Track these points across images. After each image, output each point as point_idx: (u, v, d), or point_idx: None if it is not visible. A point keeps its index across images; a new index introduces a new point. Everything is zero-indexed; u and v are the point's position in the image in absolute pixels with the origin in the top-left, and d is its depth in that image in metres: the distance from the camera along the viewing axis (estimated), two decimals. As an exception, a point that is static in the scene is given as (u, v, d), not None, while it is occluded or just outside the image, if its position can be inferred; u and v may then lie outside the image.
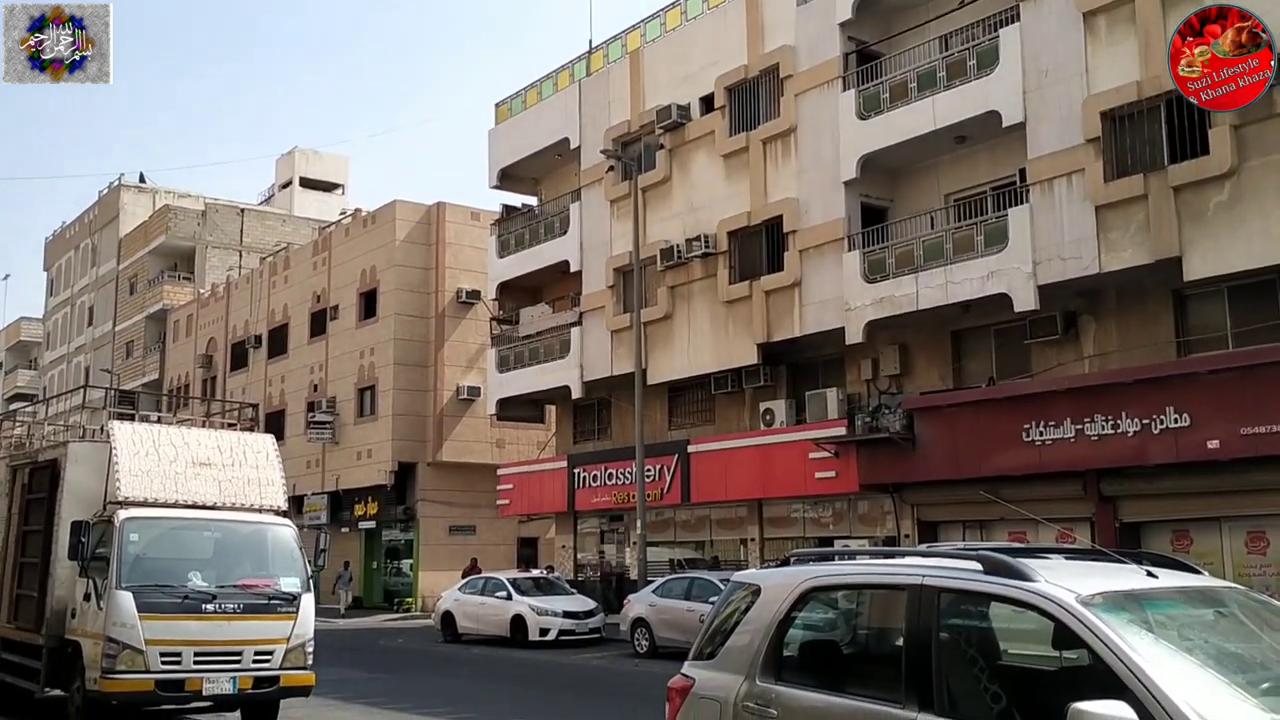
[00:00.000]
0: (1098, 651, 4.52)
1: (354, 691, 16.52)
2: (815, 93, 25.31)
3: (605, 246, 30.79)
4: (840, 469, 24.13)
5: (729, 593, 6.50)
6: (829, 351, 25.49)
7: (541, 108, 34.10)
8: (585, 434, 33.79)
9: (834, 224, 24.53)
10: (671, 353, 28.59)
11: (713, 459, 27.67)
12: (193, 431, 14.01)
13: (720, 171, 27.68)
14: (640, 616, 22.77)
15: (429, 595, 36.33)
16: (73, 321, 67.47)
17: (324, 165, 68.23)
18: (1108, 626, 4.56)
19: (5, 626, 13.84)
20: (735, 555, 27.90)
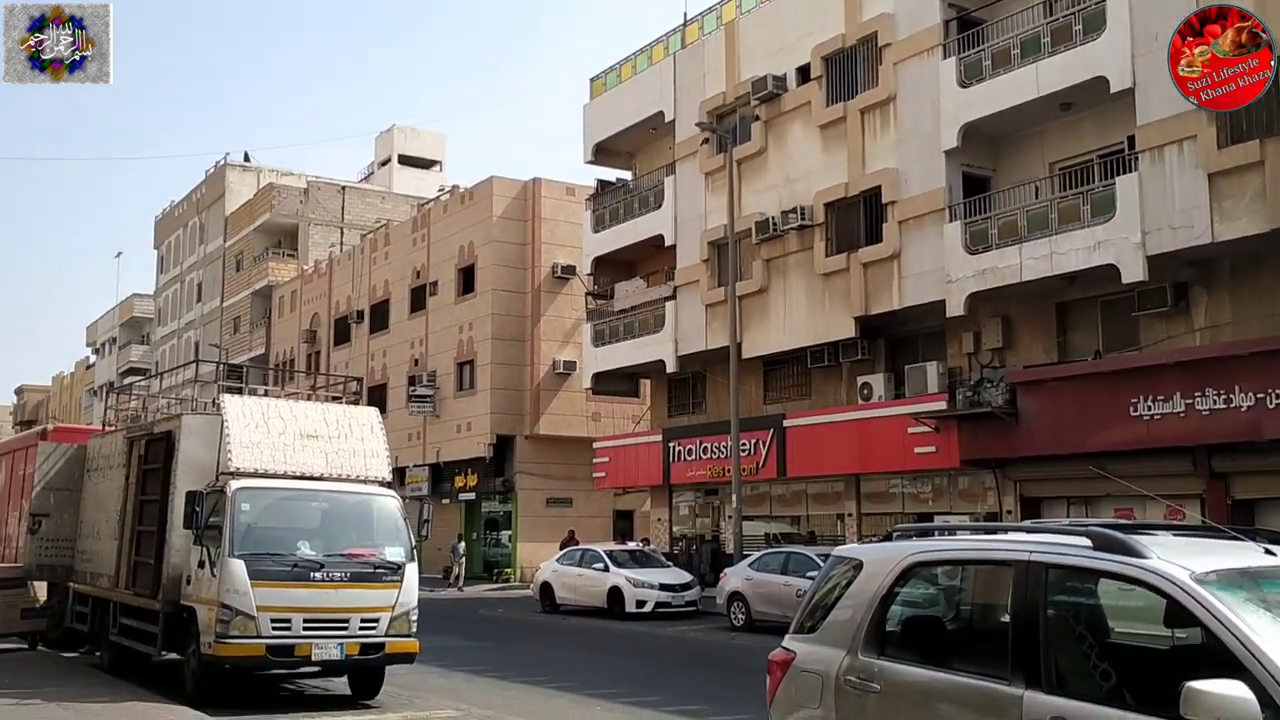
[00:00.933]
0: (1213, 630, 4.42)
1: (455, 659, 16.84)
2: (915, 61, 24.86)
3: (700, 220, 30.70)
4: (940, 444, 23.81)
5: (830, 567, 6.49)
6: (929, 324, 25.12)
7: (636, 81, 34.07)
8: (680, 408, 33.84)
9: (934, 194, 24.12)
10: (767, 326, 28.44)
11: (809, 433, 27.50)
12: (300, 404, 14.36)
13: (817, 142, 27.38)
14: (736, 590, 22.81)
15: (527, 566, 36.86)
16: (182, 298, 69.57)
17: (422, 142, 69.11)
18: (1223, 604, 4.45)
19: (124, 592, 14.37)
20: (832, 530, 27.75)
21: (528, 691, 14.31)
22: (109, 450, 16.07)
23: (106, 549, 15.18)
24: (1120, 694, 4.96)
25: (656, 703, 13.30)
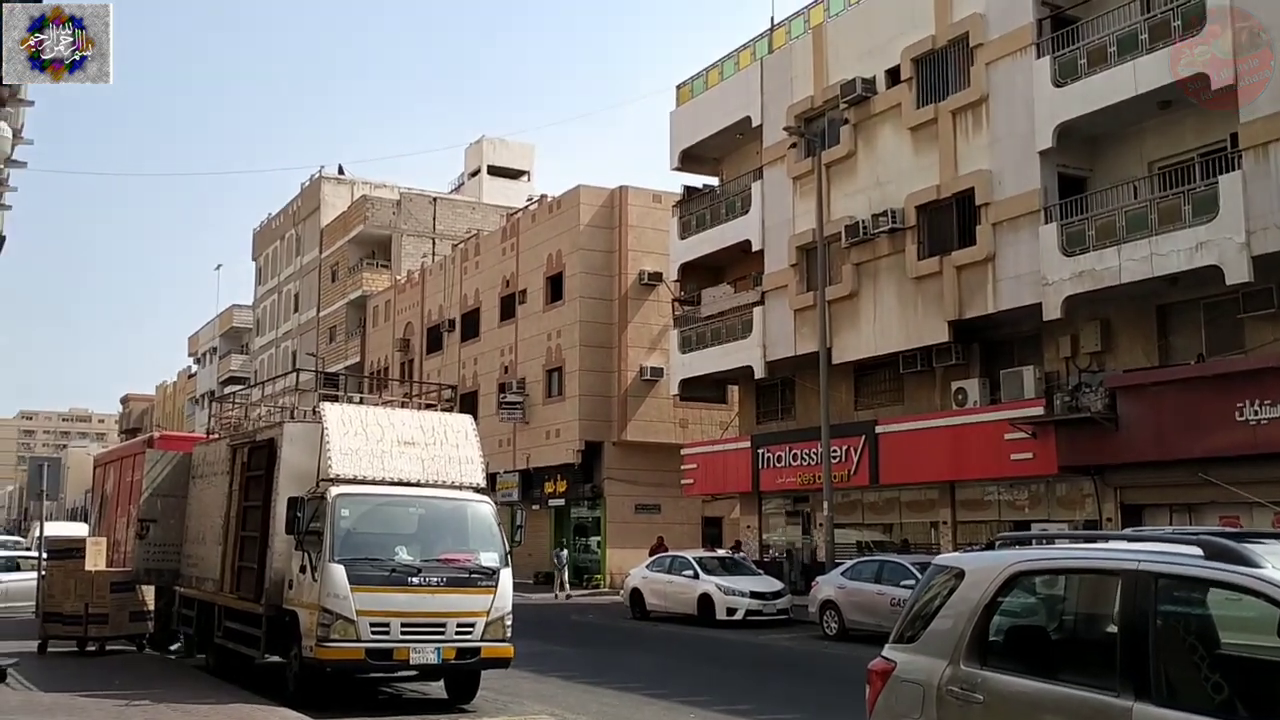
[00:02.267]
0: (1331, 643, 4.28)
1: (549, 665, 16.97)
2: (1007, 61, 24.48)
3: (788, 225, 30.56)
4: (1038, 450, 23.36)
5: (930, 576, 6.42)
6: (1025, 328, 24.67)
7: (723, 87, 34.06)
8: (769, 414, 33.68)
9: (1029, 195, 23.70)
10: (857, 331, 28.19)
11: (902, 440, 27.18)
12: (397, 412, 14.61)
13: (907, 145, 27.09)
14: (829, 599, 22.61)
15: (616, 572, 36.97)
16: (280, 308, 71.20)
17: (510, 153, 69.87)
18: (1344, 617, 4.31)
19: (228, 596, 14.74)
20: (926, 538, 27.38)
21: (620, 697, 14.36)
22: (213, 457, 16.51)
23: (211, 554, 15.59)
24: (1233, 706, 4.84)
25: (749, 711, 13.25)
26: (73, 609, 17.06)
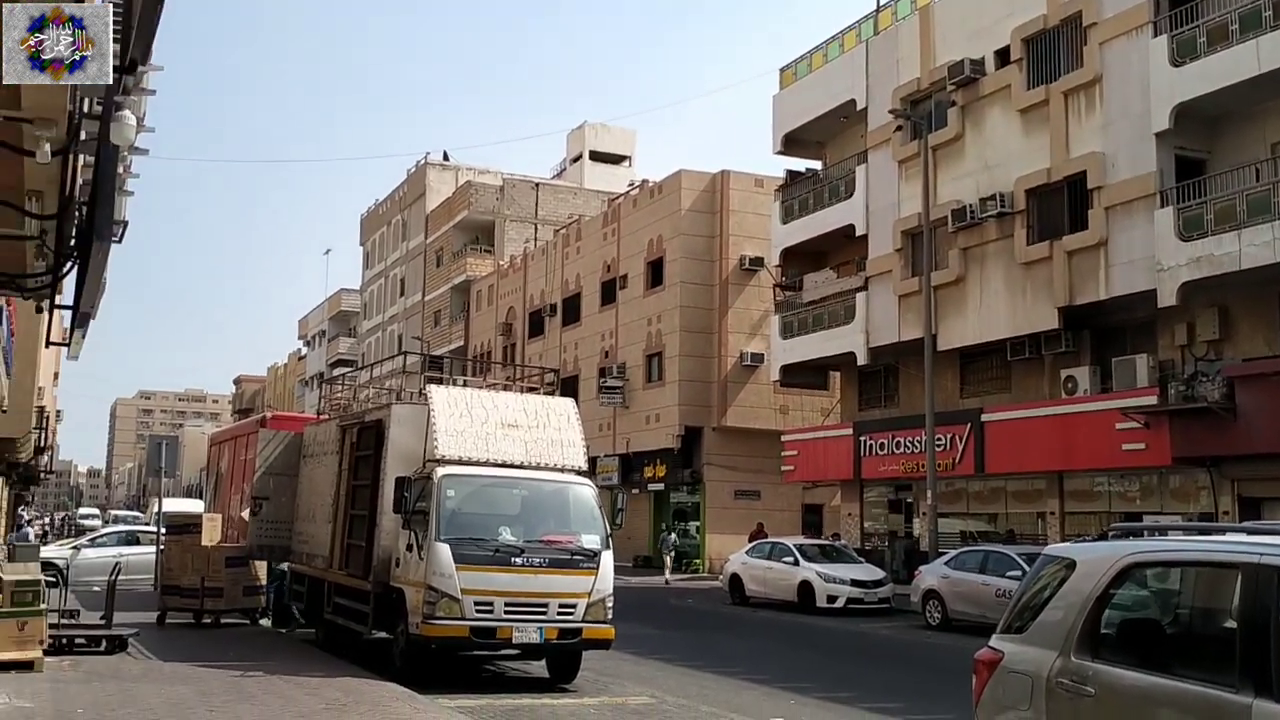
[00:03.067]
0: None
1: (648, 647, 17.06)
2: (1122, 40, 23.76)
3: (892, 209, 30.14)
4: (1150, 440, 22.72)
5: (1040, 566, 6.31)
6: (1138, 315, 23.98)
7: (827, 70, 33.69)
8: (871, 401, 33.31)
9: (1144, 179, 23.00)
10: (963, 318, 27.70)
11: (1008, 428, 26.66)
12: (501, 395, 14.80)
13: (1017, 127, 26.48)
14: (932, 588, 22.33)
15: (715, 557, 36.99)
16: (386, 292, 72.58)
17: (612, 139, 70.10)
18: None
19: (338, 573, 15.12)
20: (1032, 529, 26.85)
21: (719, 681, 14.38)
22: (323, 437, 16.93)
23: (321, 531, 16.00)
24: (1361, 707, 4.66)
25: (850, 699, 13.17)
26: (190, 582, 17.67)
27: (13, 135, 7.06)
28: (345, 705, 10.67)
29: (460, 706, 11.11)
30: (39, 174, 7.74)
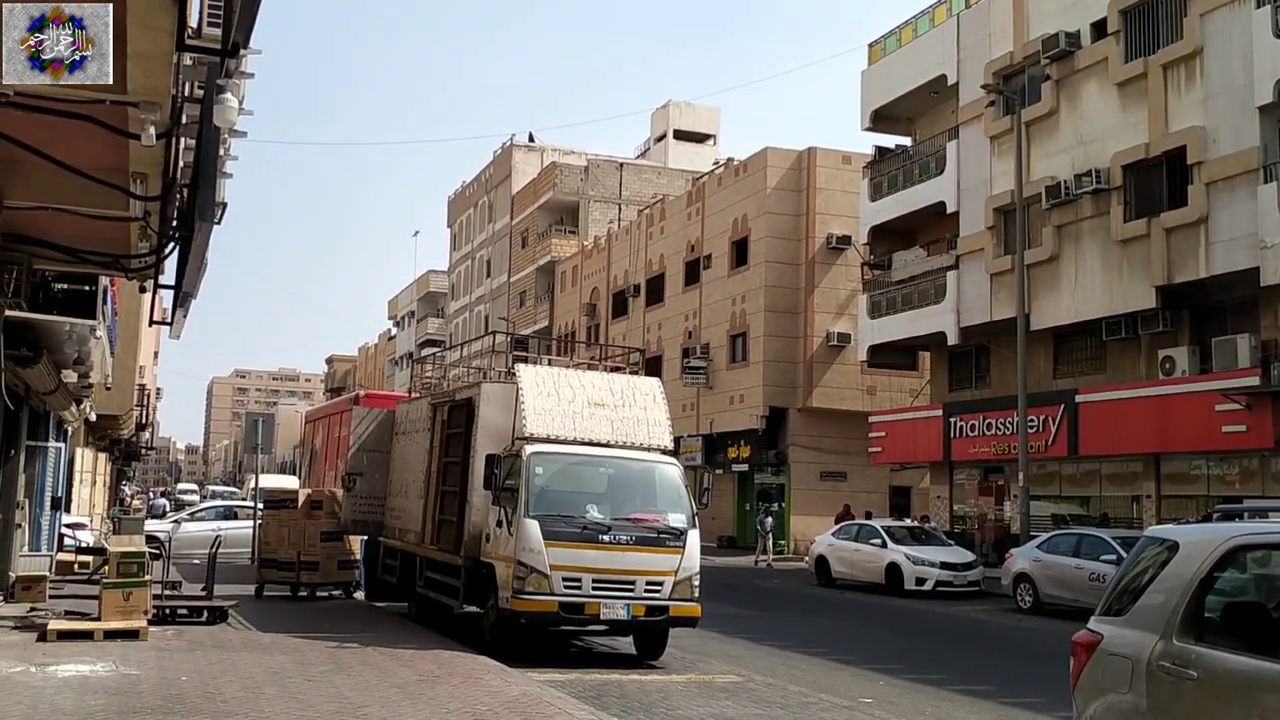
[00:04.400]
0: None
1: (734, 627, 17.08)
2: (1224, 11, 23.02)
3: (984, 186, 29.60)
4: (1252, 423, 22.08)
5: (1140, 548, 6.19)
6: (1240, 294, 23.27)
7: (917, 45, 33.17)
8: (961, 382, 32.84)
9: (1247, 154, 22.28)
10: (1057, 297, 27.14)
11: (1103, 410, 26.10)
12: (588, 374, 14.88)
13: (1113, 101, 25.82)
14: (1023, 571, 21.98)
15: (800, 538, 36.84)
16: (473, 273, 73.36)
17: (696, 117, 69.86)
18: None
19: (429, 548, 15.37)
20: (1127, 512, 26.29)
21: (807, 661, 14.35)
22: (415, 415, 17.20)
23: (413, 507, 16.27)
24: None
25: (942, 681, 13.05)
26: (286, 556, 18.12)
27: (119, 118, 7.26)
28: (438, 677, 10.86)
29: (550, 680, 11.24)
30: (144, 156, 7.95)
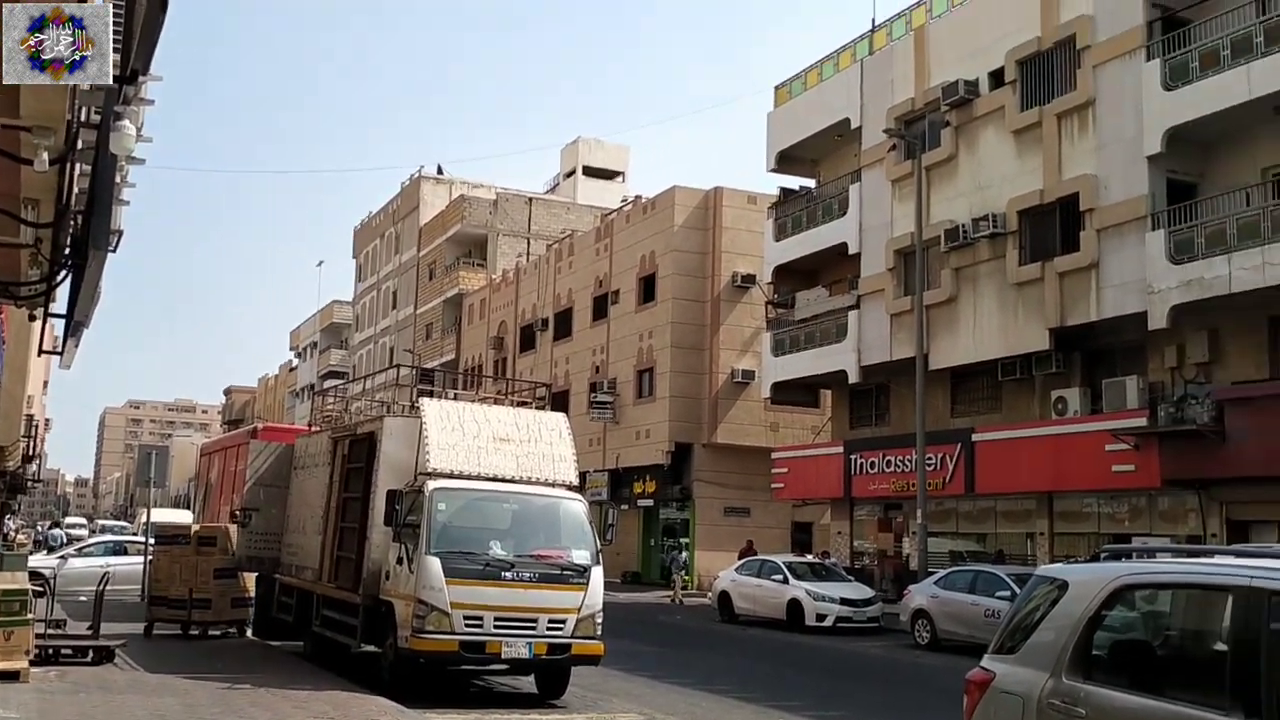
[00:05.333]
0: None
1: (637, 664, 17.02)
2: (1115, 63, 23.92)
3: (885, 228, 30.25)
4: (1140, 462, 22.79)
5: (1032, 587, 6.33)
6: (1129, 337, 24.08)
7: (822, 89, 33.85)
8: (862, 419, 33.37)
9: (1136, 201, 23.13)
10: (955, 337, 27.78)
11: (999, 448, 26.73)
12: (493, 409, 14.79)
13: (1010, 148, 26.62)
14: (921, 608, 22.32)
15: (704, 574, 36.92)
16: (378, 304, 72.55)
17: (606, 154, 70.26)
18: None
19: (327, 586, 15.07)
20: (1021, 549, 26.89)
21: (710, 699, 14.35)
22: (314, 449, 16.90)
23: (311, 543, 15.95)
24: (1350, 731, 4.67)
25: (841, 717, 13.15)
26: (177, 593, 17.58)
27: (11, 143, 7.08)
28: (332, 719, 10.62)
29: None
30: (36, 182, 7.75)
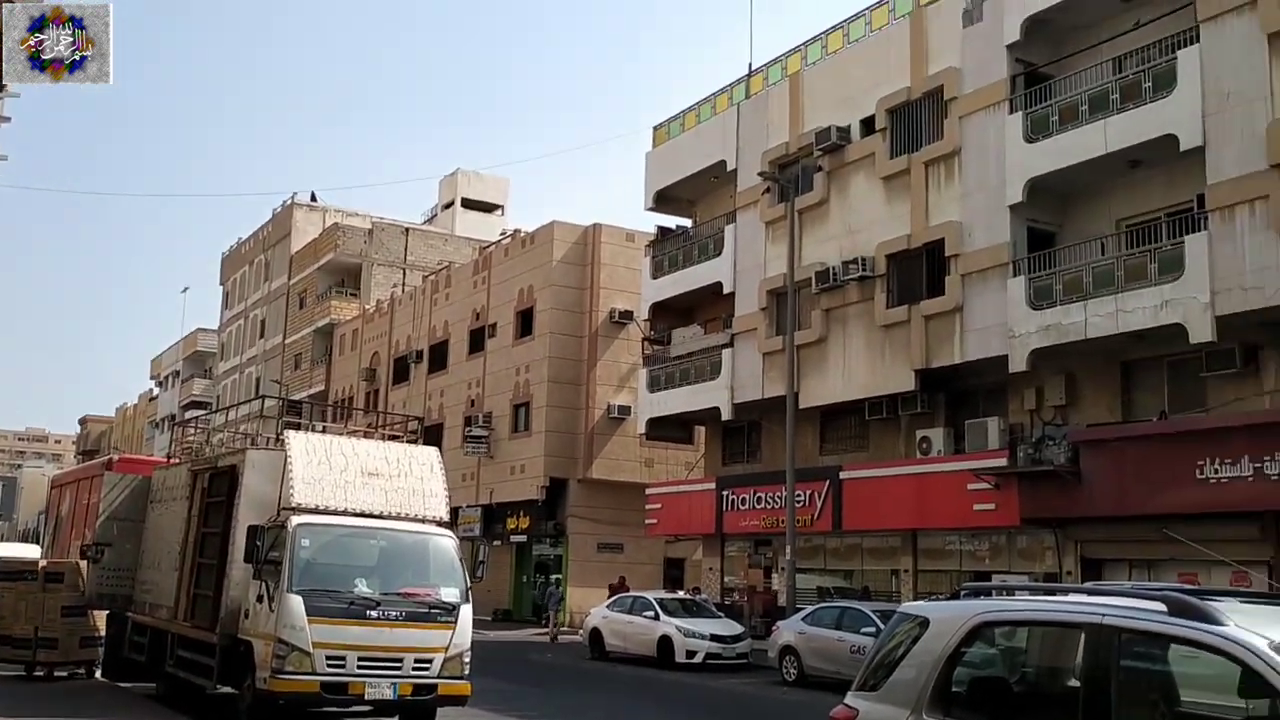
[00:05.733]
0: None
1: (506, 703, 16.78)
2: (981, 115, 24.82)
3: (759, 268, 30.73)
4: (1000, 501, 23.47)
5: (894, 624, 6.42)
6: (990, 380, 24.85)
7: (699, 130, 34.32)
8: (735, 456, 33.70)
9: (998, 249, 23.96)
10: (824, 377, 28.31)
11: (866, 486, 27.25)
12: (362, 442, 14.49)
13: (880, 194, 27.35)
14: (789, 644, 22.54)
15: (577, 611, 36.68)
16: (245, 333, 70.71)
17: (485, 186, 69.98)
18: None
19: (182, 624, 14.51)
20: (887, 586, 27.39)
21: (577, 738, 14.21)
22: (173, 482, 16.31)
23: (166, 580, 15.36)
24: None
25: (707, 755, 13.15)
26: (22, 632, 16.74)
27: None
28: (185, 764, 10.20)
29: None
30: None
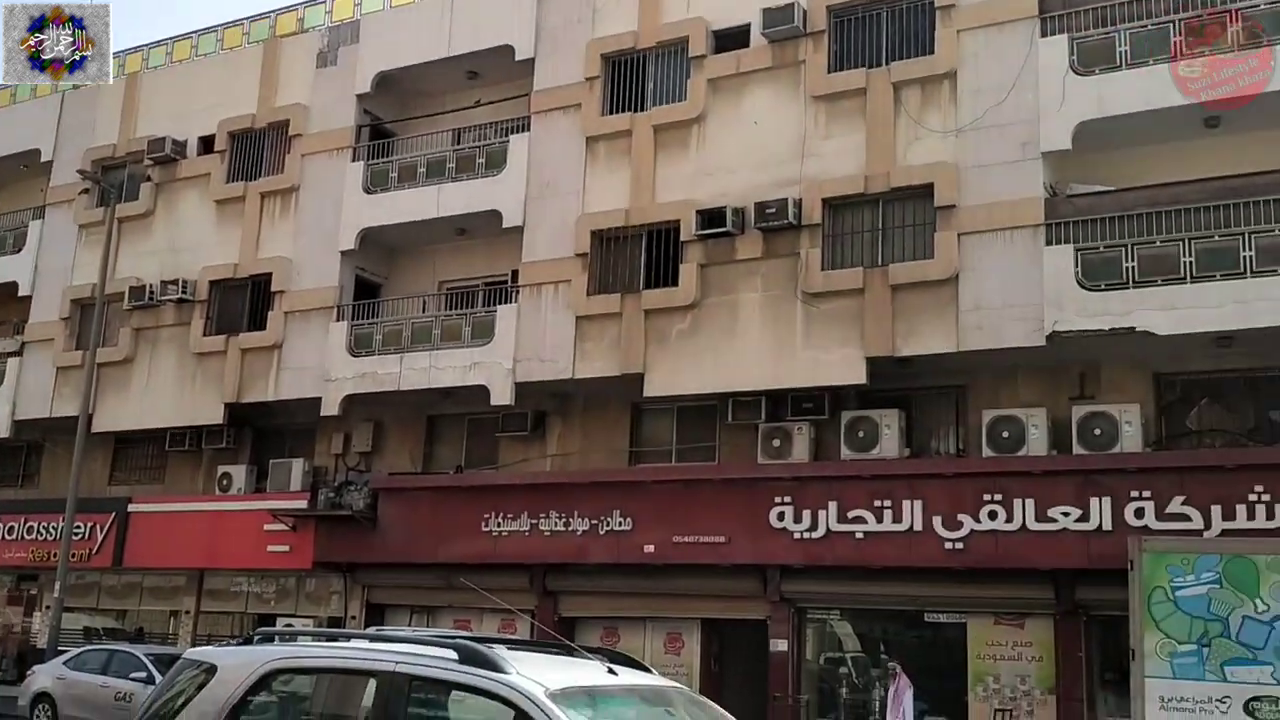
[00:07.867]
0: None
1: None
2: (324, 157, 24.90)
3: (66, 273, 27.93)
4: (296, 543, 23.29)
5: (177, 671, 5.99)
6: (301, 420, 24.68)
7: (13, 111, 30.55)
8: (8, 479, 29.98)
9: (326, 291, 24.05)
10: (126, 400, 26.28)
11: (156, 521, 25.58)
12: None
13: (211, 216, 26.24)
14: (44, 690, 20.29)
15: None
16: None
17: None
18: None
19: None
20: (164, 627, 25.87)
21: None
22: None
23: None
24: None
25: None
26: None
27: None
28: None
29: None
30: None
